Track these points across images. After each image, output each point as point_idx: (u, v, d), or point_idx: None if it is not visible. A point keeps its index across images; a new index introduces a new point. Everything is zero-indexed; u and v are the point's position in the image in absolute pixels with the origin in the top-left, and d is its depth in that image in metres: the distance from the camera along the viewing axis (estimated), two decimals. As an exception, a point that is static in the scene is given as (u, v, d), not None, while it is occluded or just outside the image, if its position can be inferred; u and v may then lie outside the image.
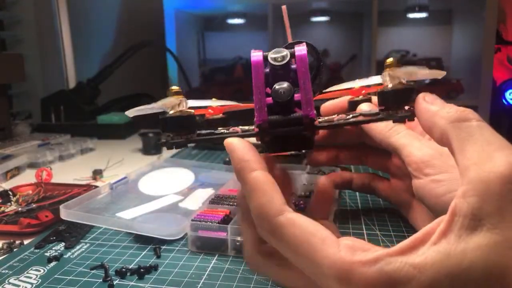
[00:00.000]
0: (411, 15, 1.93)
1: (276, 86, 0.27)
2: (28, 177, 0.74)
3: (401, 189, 0.45)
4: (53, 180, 0.71)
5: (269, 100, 0.28)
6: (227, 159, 0.80)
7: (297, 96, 0.27)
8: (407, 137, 0.37)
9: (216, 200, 0.52)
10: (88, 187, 0.65)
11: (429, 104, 0.25)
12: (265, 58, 0.28)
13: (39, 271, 0.41)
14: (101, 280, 0.39)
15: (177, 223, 0.50)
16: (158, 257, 0.43)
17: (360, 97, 0.40)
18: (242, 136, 0.28)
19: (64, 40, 1.31)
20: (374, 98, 0.39)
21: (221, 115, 0.37)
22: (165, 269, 0.41)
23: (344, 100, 0.42)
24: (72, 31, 1.34)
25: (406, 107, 0.27)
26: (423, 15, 1.92)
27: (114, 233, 0.49)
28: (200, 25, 2.13)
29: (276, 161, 0.31)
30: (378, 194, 0.50)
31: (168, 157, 0.84)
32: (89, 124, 1.15)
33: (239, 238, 0.43)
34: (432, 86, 1.61)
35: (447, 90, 1.64)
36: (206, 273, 0.40)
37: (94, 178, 0.73)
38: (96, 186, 0.64)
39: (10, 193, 0.62)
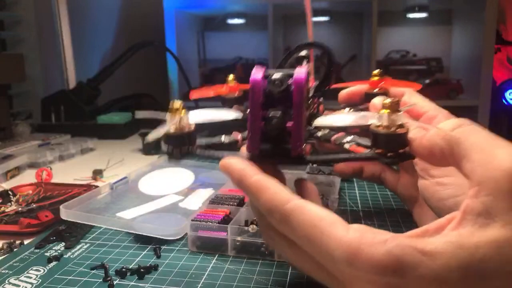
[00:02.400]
0: (411, 15, 1.93)
1: (269, 115, 0.27)
2: (28, 177, 0.74)
3: (409, 184, 0.45)
4: (53, 180, 0.71)
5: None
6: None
7: (290, 125, 0.27)
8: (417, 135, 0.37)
9: (216, 200, 0.52)
10: (88, 187, 0.65)
11: (423, 137, 0.25)
12: (266, 76, 0.28)
13: (39, 271, 0.41)
14: (101, 280, 0.39)
15: (177, 223, 0.50)
16: (158, 257, 0.43)
17: (377, 90, 0.40)
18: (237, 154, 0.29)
19: (64, 40, 1.31)
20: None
21: (236, 93, 0.37)
22: (165, 269, 0.41)
23: (361, 89, 0.41)
24: (72, 31, 1.34)
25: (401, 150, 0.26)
26: (423, 15, 1.92)
27: (114, 233, 0.49)
28: (200, 25, 2.13)
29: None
30: (387, 185, 0.50)
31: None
32: (89, 124, 1.15)
33: (239, 238, 0.43)
34: (432, 86, 1.61)
35: (447, 90, 1.64)
36: (206, 273, 0.40)
37: (94, 178, 0.73)
38: (96, 186, 0.64)
39: (10, 193, 0.62)
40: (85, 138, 0.97)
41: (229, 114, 0.32)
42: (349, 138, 0.29)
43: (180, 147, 0.30)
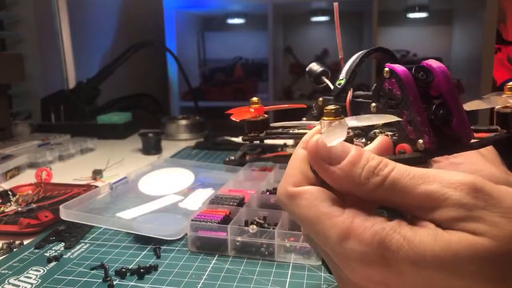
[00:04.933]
0: (411, 15, 1.93)
1: (437, 110, 0.26)
2: (28, 177, 0.74)
3: None
4: (53, 180, 0.71)
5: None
6: (227, 159, 0.80)
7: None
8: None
9: (216, 200, 0.52)
10: (88, 187, 0.65)
11: None
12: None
13: (39, 271, 0.41)
14: (101, 280, 0.39)
15: (177, 223, 0.50)
16: (158, 257, 0.43)
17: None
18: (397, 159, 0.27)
19: (64, 40, 1.31)
20: None
21: (262, 116, 0.37)
22: (165, 269, 0.41)
23: None
24: (72, 31, 1.34)
25: None
26: (423, 15, 1.92)
27: (114, 233, 0.49)
28: (200, 25, 2.14)
29: None
30: None
31: (168, 157, 0.84)
32: (89, 124, 1.15)
33: (239, 238, 0.43)
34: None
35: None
36: (206, 273, 0.40)
37: (94, 178, 0.73)
38: (96, 186, 0.64)
39: (10, 193, 0.62)
40: (85, 138, 0.97)
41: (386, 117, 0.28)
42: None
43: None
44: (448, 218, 0.22)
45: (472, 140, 0.28)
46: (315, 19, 2.00)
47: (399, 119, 0.27)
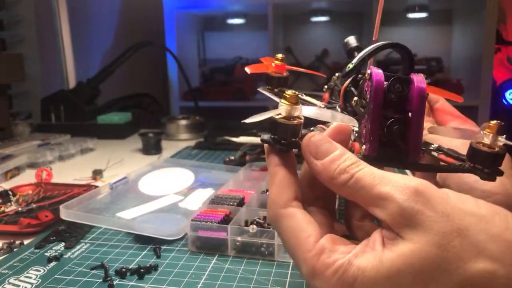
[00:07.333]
0: (411, 15, 1.93)
1: (391, 124, 0.27)
2: (28, 177, 0.74)
3: (422, 175, 0.46)
4: (53, 180, 0.71)
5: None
6: (227, 159, 0.80)
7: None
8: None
9: (216, 200, 0.52)
10: (88, 187, 0.65)
11: None
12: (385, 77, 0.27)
13: (39, 271, 0.41)
14: (101, 280, 0.39)
15: (177, 223, 0.50)
16: (158, 257, 0.43)
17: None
18: None
19: (64, 40, 1.31)
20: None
21: (284, 74, 0.37)
22: (165, 269, 0.41)
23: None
24: (72, 31, 1.34)
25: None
26: (423, 15, 1.92)
27: (114, 233, 0.49)
28: (200, 25, 2.14)
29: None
30: None
31: (168, 157, 0.84)
32: (89, 124, 1.15)
33: (239, 238, 0.43)
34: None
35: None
36: (206, 273, 0.40)
37: (94, 178, 0.73)
38: (96, 186, 0.64)
39: (10, 193, 0.62)
40: (85, 138, 0.97)
41: (343, 118, 0.29)
42: (434, 145, 0.30)
43: (283, 138, 0.28)
44: (393, 219, 0.23)
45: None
46: (315, 19, 2.00)
47: (351, 124, 0.28)
